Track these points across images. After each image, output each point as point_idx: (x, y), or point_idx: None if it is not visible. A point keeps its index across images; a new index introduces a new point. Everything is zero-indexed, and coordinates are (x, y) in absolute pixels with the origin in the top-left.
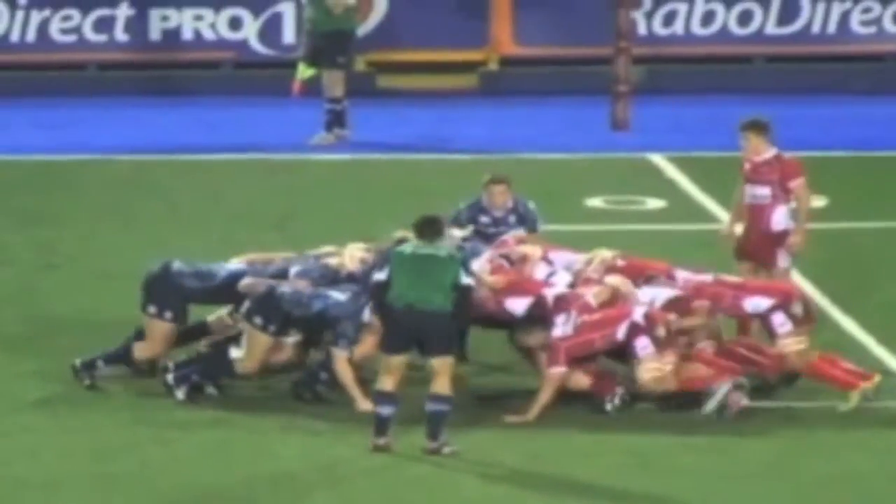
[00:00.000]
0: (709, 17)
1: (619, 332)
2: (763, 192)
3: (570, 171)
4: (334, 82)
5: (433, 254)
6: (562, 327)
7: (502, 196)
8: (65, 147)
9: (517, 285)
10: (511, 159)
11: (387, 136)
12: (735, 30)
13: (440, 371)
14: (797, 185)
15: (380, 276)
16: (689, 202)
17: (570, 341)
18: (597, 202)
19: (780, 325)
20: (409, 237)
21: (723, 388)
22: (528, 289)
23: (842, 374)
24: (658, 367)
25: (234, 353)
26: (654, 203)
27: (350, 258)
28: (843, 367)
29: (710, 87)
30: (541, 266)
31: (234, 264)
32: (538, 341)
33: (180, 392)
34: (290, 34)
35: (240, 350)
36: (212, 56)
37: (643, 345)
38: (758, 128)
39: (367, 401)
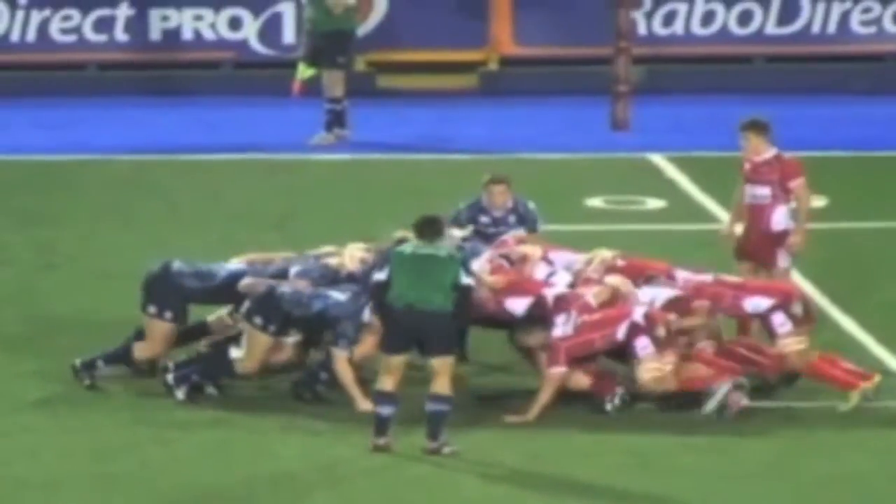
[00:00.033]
0: (709, 17)
1: (620, 332)
2: (763, 192)
3: (569, 171)
4: (334, 82)
5: (433, 254)
6: (562, 327)
7: (502, 196)
8: (65, 147)
9: (517, 285)
10: (511, 159)
11: (387, 136)
12: (735, 30)
13: (440, 371)
14: (797, 185)
15: (380, 275)
16: (689, 202)
17: (570, 341)
18: (597, 202)
19: (780, 325)
20: (410, 237)
21: (723, 388)
22: (528, 289)
23: (842, 374)
24: (658, 367)
25: (234, 353)
26: (654, 203)
27: (350, 258)
28: (843, 367)
29: (710, 87)
30: (541, 266)
31: (234, 264)
32: (538, 341)
33: (180, 392)
34: (290, 34)
35: (240, 350)
36: (212, 56)
37: (643, 345)
38: (758, 128)
39: (367, 401)
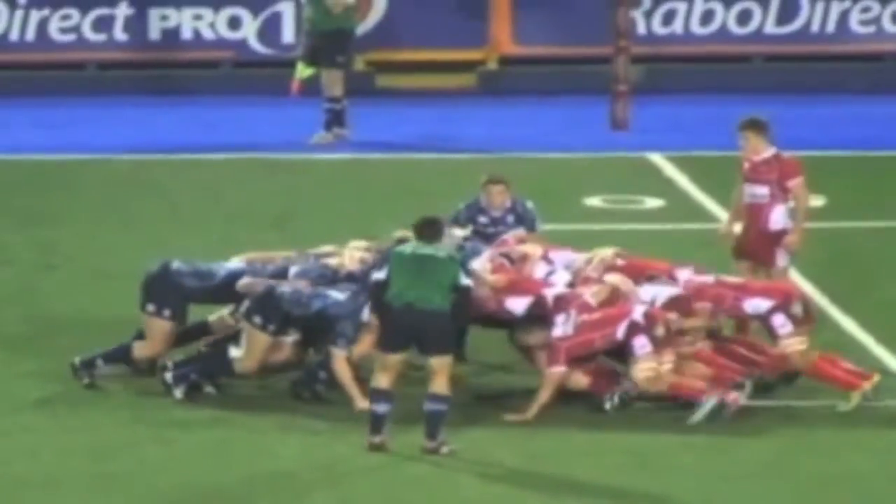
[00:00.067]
0: (708, 17)
1: (619, 331)
2: (761, 192)
3: (569, 170)
4: (333, 82)
5: (433, 254)
6: (562, 327)
7: (500, 196)
8: (64, 146)
9: (517, 285)
10: (510, 158)
11: (386, 135)
12: (734, 29)
13: (439, 371)
14: (796, 184)
15: (378, 275)
16: (688, 201)
17: (570, 341)
18: (596, 201)
19: (781, 326)
20: (410, 236)
21: (710, 401)
22: (528, 288)
23: (843, 374)
24: (653, 366)
25: (234, 352)
26: (652, 202)
27: (350, 258)
28: (843, 367)
29: (709, 87)
30: (540, 265)
31: (234, 264)
32: (538, 341)
33: (178, 391)
34: (289, 34)
35: (239, 349)
36: (211, 55)
37: (641, 344)
38: (756, 127)
39: (366, 400)
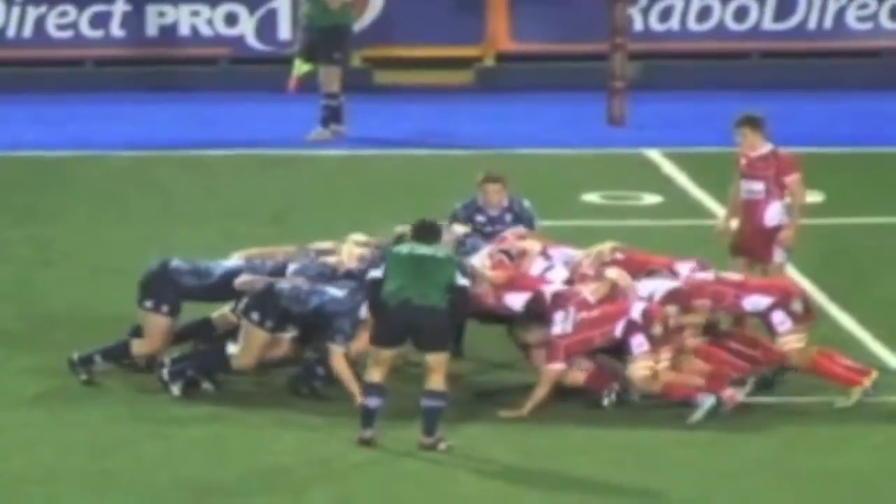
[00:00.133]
0: (705, 13)
1: (618, 329)
2: (758, 188)
3: (566, 166)
4: (331, 78)
5: (430, 254)
6: (561, 325)
7: (497, 195)
8: (61, 143)
9: (516, 281)
10: (507, 155)
11: (383, 131)
12: (731, 25)
13: (435, 367)
14: (792, 180)
15: (375, 273)
16: (686, 198)
17: (569, 339)
18: (593, 198)
19: (780, 323)
20: (409, 232)
21: (708, 400)
22: (526, 285)
23: (842, 370)
24: (650, 365)
25: (231, 348)
26: (650, 199)
27: (348, 255)
28: (842, 364)
29: (706, 83)
30: (538, 261)
31: (232, 261)
32: (536, 338)
33: (175, 387)
34: (286, 30)
35: (236, 346)
36: (208, 52)
37: (639, 342)
38: (753, 123)
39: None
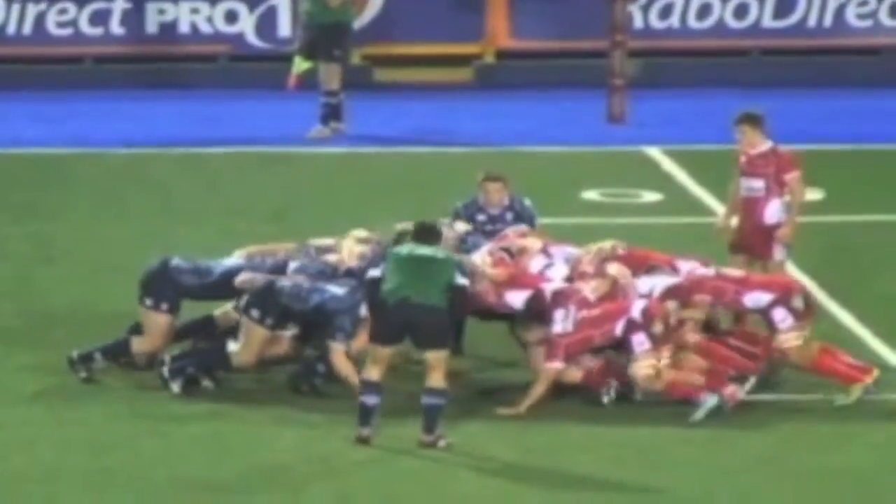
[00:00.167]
0: (705, 11)
1: (618, 328)
2: (757, 185)
3: (566, 164)
4: (331, 75)
5: (430, 255)
6: (561, 323)
7: (498, 194)
8: (61, 140)
9: (517, 279)
10: (507, 152)
11: (383, 129)
12: (731, 23)
13: (435, 365)
14: (792, 178)
15: (374, 272)
16: (685, 195)
17: (569, 338)
18: (593, 195)
19: (781, 320)
20: (410, 232)
21: (711, 400)
22: (527, 282)
23: (843, 367)
24: (652, 363)
25: (231, 346)
26: (650, 196)
27: (348, 253)
28: (844, 361)
29: (706, 81)
30: (538, 258)
31: (233, 260)
32: (536, 337)
33: (175, 385)
34: (285, 27)
35: (237, 343)
36: (208, 49)
37: (640, 341)
38: (753, 121)
39: None
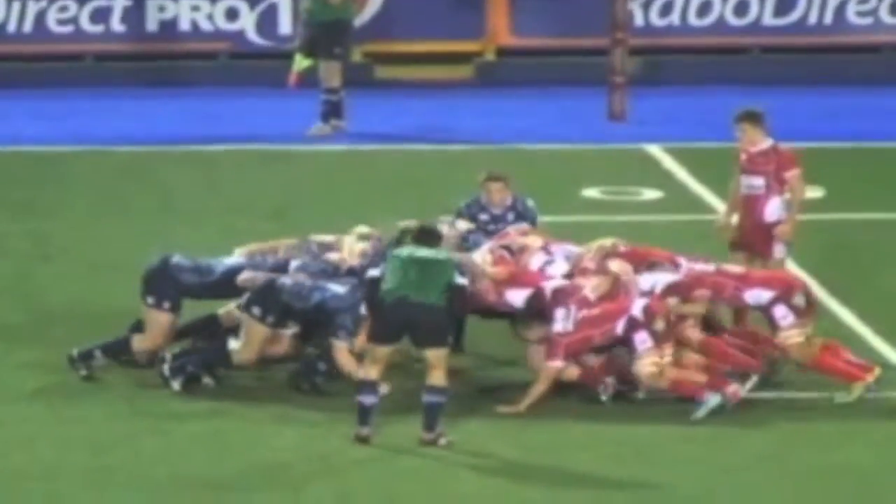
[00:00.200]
0: (705, 8)
1: (619, 327)
2: (758, 183)
3: (566, 161)
4: (331, 73)
5: (430, 256)
6: (562, 322)
7: (500, 193)
8: (61, 138)
9: (518, 277)
10: (508, 150)
11: (384, 126)
12: (731, 21)
13: (435, 363)
14: (792, 175)
15: (374, 272)
16: (686, 193)
17: (570, 338)
18: (593, 193)
19: (783, 317)
20: (412, 227)
21: (714, 399)
22: (527, 281)
23: (844, 365)
24: (656, 361)
25: (232, 343)
26: (650, 194)
27: (349, 252)
28: (845, 358)
29: (706, 78)
30: (538, 255)
31: (234, 258)
32: (537, 335)
33: (176, 383)
34: (286, 25)
35: (237, 341)
36: (208, 47)
37: (642, 339)
38: (753, 118)
39: None
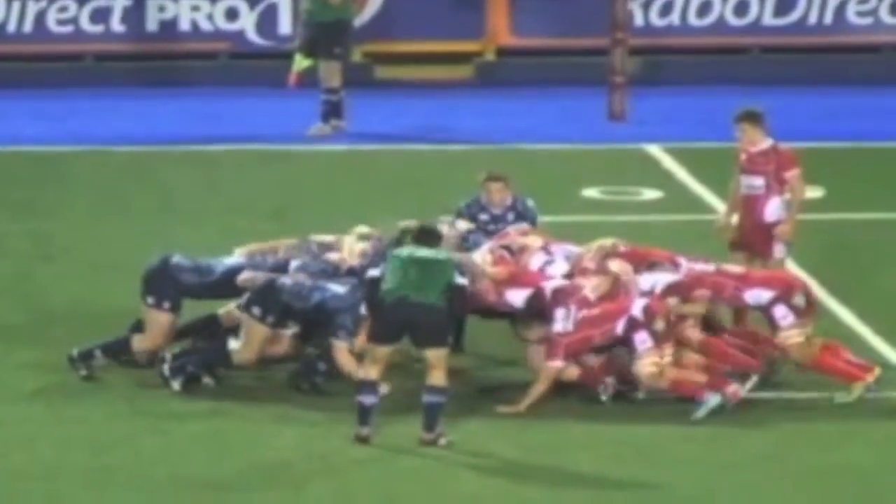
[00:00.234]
0: (705, 8)
1: (619, 327)
2: (758, 183)
3: (566, 161)
4: (331, 73)
5: (430, 257)
6: (562, 322)
7: (500, 193)
8: (61, 138)
9: (518, 277)
10: (508, 150)
11: (384, 126)
12: (731, 21)
13: (435, 363)
14: (792, 175)
15: (374, 272)
16: (686, 193)
17: (570, 338)
18: (593, 193)
19: (783, 317)
20: (413, 227)
21: (714, 399)
22: (527, 281)
23: (844, 365)
24: (656, 361)
25: (232, 343)
26: (650, 194)
27: (349, 252)
28: (845, 358)
29: (706, 78)
30: (538, 255)
31: (234, 258)
32: (537, 335)
33: (176, 383)
34: (286, 25)
35: (237, 341)
36: (208, 47)
37: (642, 339)
38: (753, 118)
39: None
